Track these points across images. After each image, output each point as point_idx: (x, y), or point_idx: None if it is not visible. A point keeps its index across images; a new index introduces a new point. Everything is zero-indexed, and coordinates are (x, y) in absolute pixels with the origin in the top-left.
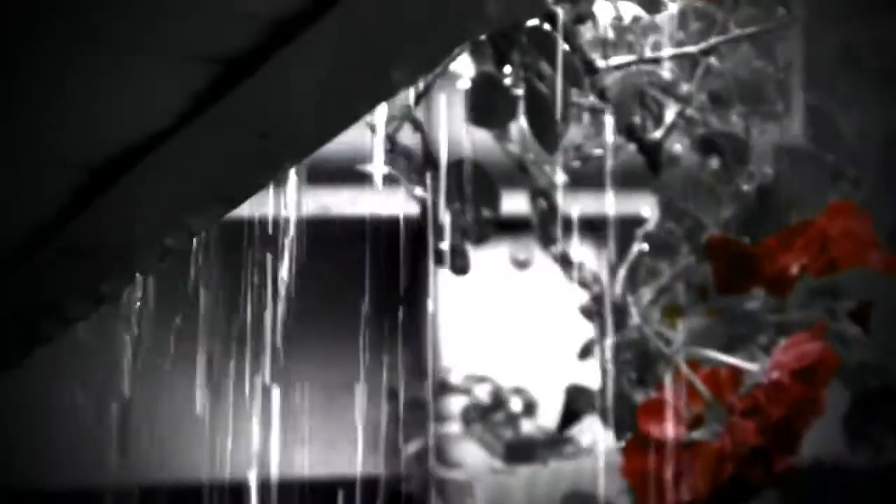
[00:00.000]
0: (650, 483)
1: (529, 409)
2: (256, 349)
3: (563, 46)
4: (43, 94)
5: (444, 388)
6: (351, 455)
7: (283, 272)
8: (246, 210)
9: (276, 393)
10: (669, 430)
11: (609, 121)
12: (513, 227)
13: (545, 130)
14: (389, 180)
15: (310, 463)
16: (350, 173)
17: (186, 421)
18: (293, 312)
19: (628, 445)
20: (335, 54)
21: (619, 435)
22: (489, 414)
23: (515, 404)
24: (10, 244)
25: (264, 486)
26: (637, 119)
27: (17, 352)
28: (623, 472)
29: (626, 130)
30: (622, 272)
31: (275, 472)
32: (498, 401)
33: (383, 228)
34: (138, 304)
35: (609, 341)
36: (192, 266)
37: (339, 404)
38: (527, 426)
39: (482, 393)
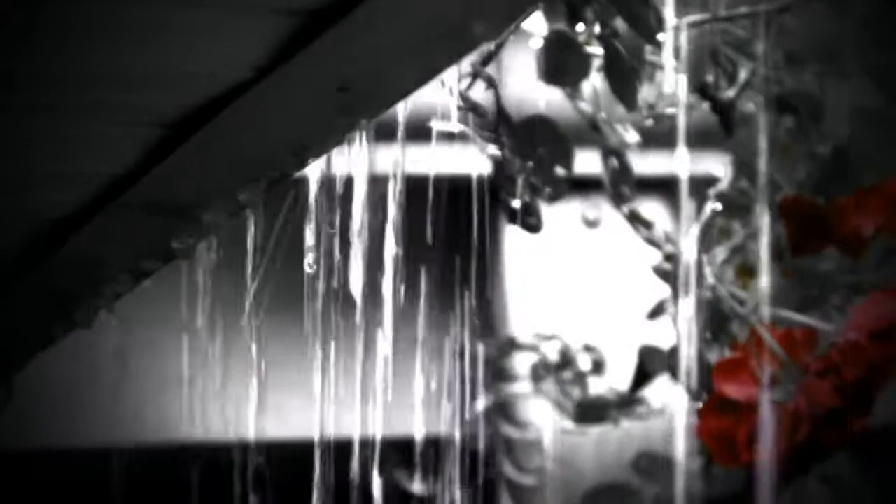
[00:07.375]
0: (724, 444)
1: (598, 367)
2: (326, 308)
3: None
4: (122, 48)
5: (512, 345)
6: (417, 414)
7: (354, 230)
8: (318, 166)
9: (346, 352)
10: (744, 390)
11: (682, 79)
12: (584, 186)
13: (625, 87)
14: (462, 138)
15: (378, 422)
16: (423, 130)
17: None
18: (363, 271)
19: (703, 406)
20: (417, 6)
21: (693, 395)
22: (557, 372)
23: (584, 362)
24: (83, 198)
25: (328, 445)
26: (710, 78)
27: (88, 308)
28: (697, 433)
29: (700, 89)
30: (695, 232)
31: (342, 430)
32: (566, 359)
33: (456, 186)
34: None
35: (683, 301)
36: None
37: (407, 363)
38: (597, 386)
39: (550, 351)
